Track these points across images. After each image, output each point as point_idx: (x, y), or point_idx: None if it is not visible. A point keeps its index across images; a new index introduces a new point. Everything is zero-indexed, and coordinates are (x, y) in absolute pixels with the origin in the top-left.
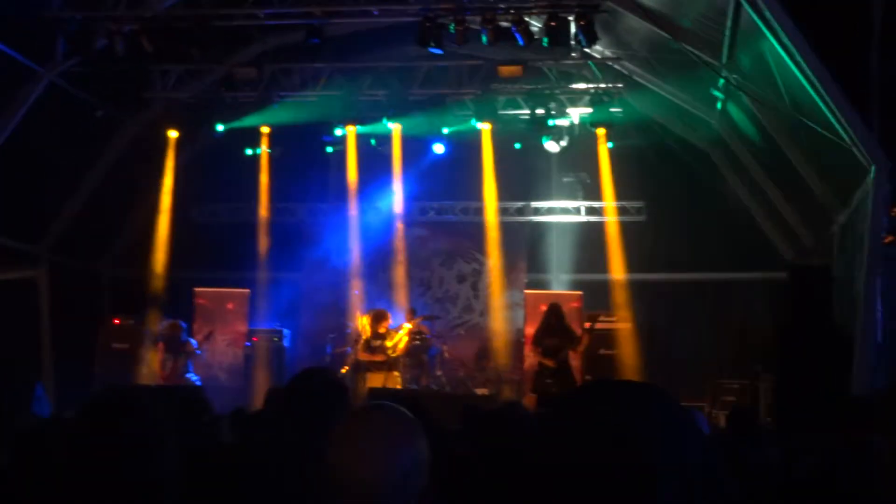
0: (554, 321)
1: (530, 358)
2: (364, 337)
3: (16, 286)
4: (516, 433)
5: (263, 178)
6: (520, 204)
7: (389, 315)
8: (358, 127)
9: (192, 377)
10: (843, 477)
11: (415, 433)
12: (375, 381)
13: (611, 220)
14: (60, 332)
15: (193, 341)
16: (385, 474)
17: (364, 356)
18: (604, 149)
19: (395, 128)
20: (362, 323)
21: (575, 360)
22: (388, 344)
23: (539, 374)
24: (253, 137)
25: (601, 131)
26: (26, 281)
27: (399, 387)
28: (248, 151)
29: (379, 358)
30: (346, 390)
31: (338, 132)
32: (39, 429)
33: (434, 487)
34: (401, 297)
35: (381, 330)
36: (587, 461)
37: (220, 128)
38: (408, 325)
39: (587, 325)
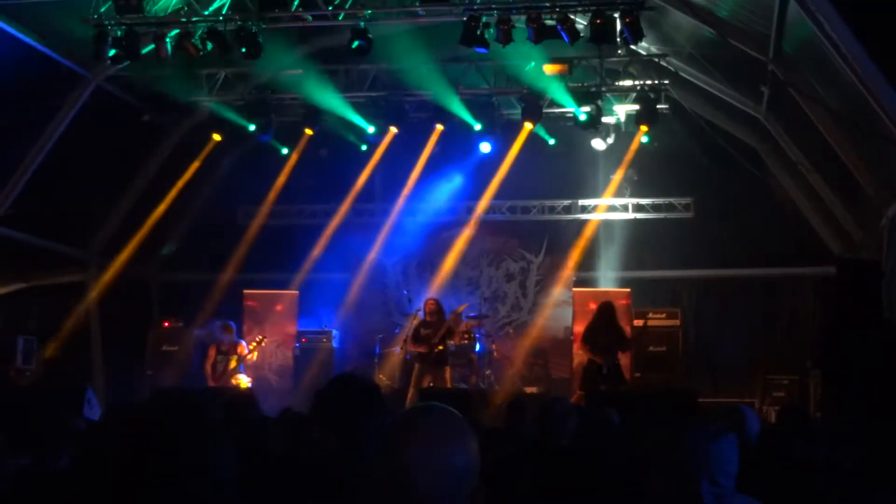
0: (606, 320)
1: (579, 356)
2: (415, 323)
3: (65, 290)
4: (560, 428)
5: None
6: (567, 202)
7: (438, 304)
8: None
9: (244, 378)
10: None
11: (467, 434)
12: (422, 375)
13: (658, 216)
14: (110, 336)
15: (245, 343)
16: (438, 477)
17: (411, 346)
18: (637, 143)
19: (438, 127)
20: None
21: (624, 358)
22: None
23: (588, 372)
24: (296, 139)
25: (645, 128)
26: (76, 285)
27: (448, 384)
28: (284, 151)
29: (421, 349)
30: (380, 393)
31: (370, 129)
32: (96, 430)
33: (483, 487)
34: (448, 295)
35: (430, 318)
36: None
37: (251, 128)
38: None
39: (638, 323)
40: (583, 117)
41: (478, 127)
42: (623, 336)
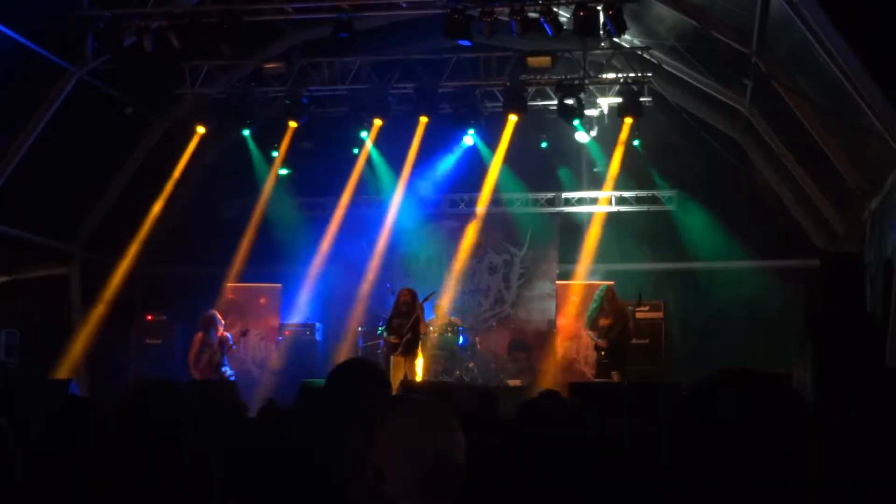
0: (606, 304)
1: (563, 348)
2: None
3: (48, 283)
4: (556, 422)
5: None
6: (550, 194)
7: (413, 294)
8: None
9: (227, 371)
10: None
11: (451, 425)
12: (397, 365)
13: (642, 209)
14: (93, 329)
15: (229, 335)
16: (422, 468)
17: (385, 336)
18: (624, 137)
19: (423, 121)
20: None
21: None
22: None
23: (596, 355)
24: (280, 133)
25: (629, 120)
26: (59, 278)
27: (419, 376)
28: (274, 154)
29: (393, 339)
30: (387, 382)
31: (363, 135)
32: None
33: (471, 481)
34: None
35: (403, 308)
36: None
37: (245, 132)
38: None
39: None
40: (575, 122)
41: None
42: (623, 317)
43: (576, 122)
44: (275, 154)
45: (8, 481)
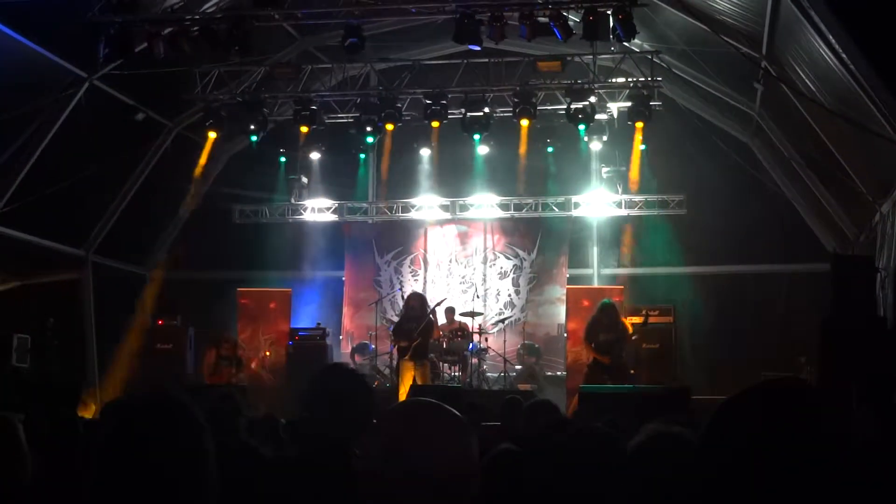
0: (605, 318)
1: (573, 353)
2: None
3: (60, 288)
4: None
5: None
6: (560, 199)
7: (422, 298)
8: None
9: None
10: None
11: (463, 430)
12: (406, 369)
13: (652, 213)
14: (105, 334)
15: (244, 347)
16: (434, 473)
17: (394, 340)
18: (639, 141)
19: (434, 126)
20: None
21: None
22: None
23: (593, 371)
24: (291, 138)
25: (640, 125)
26: (71, 283)
27: (429, 380)
28: (283, 160)
29: (403, 343)
30: (369, 384)
31: (369, 140)
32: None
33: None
34: (443, 293)
35: (412, 313)
36: None
37: (254, 139)
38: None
39: (638, 320)
40: (581, 127)
41: (476, 136)
42: (625, 333)
43: (581, 128)
44: (283, 160)
45: (18, 480)
